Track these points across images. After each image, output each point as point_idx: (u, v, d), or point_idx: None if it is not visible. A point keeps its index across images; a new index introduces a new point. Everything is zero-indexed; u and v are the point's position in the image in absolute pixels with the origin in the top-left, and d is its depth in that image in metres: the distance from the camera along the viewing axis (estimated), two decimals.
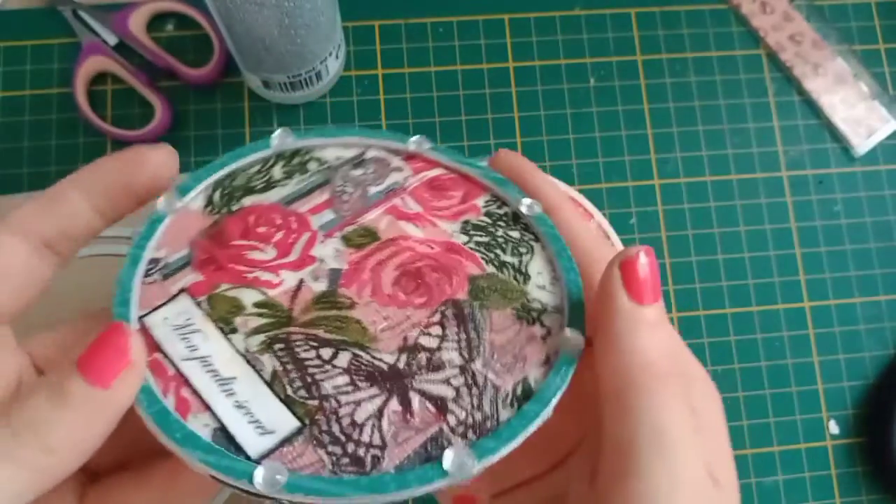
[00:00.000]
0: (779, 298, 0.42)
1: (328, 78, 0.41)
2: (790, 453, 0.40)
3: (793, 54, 0.44)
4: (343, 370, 0.18)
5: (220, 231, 0.21)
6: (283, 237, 0.21)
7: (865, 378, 0.41)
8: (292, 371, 0.18)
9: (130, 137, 0.40)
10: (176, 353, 0.18)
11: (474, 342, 0.19)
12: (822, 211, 0.43)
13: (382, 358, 0.19)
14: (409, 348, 0.19)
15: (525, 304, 0.20)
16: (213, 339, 0.19)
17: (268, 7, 0.32)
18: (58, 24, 0.42)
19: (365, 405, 0.18)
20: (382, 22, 0.43)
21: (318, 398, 0.18)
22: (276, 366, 0.18)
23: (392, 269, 0.20)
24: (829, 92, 0.44)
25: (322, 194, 0.22)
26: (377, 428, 0.18)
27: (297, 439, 0.17)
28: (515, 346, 0.19)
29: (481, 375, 0.19)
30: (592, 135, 0.43)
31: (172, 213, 0.21)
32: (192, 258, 0.20)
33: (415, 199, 0.22)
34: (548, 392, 0.18)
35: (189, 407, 0.17)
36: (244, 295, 0.19)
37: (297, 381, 0.18)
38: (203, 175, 0.22)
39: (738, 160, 0.43)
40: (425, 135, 0.24)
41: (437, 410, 0.18)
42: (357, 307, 0.20)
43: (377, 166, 0.23)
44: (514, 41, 0.44)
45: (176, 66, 0.41)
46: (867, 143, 0.43)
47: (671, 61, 0.44)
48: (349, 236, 0.21)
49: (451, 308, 0.20)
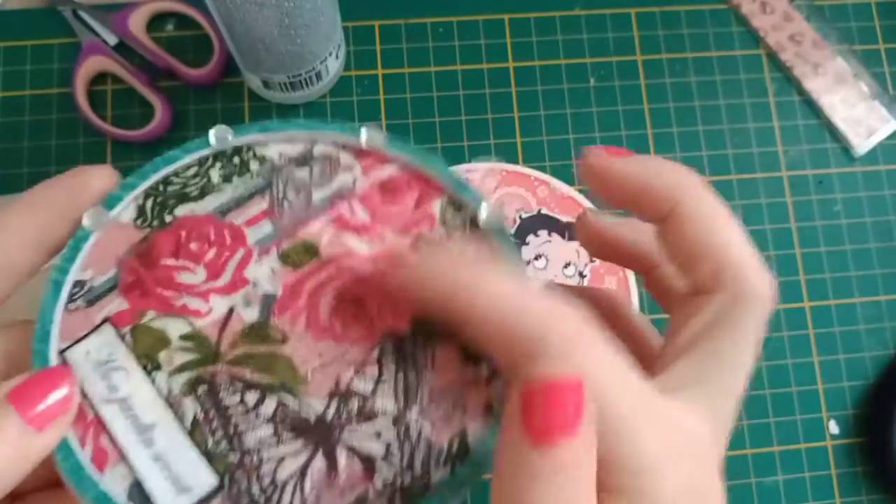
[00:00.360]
0: (779, 298, 0.42)
1: (328, 78, 0.41)
2: (790, 453, 0.40)
3: (793, 54, 0.44)
4: (268, 419, 0.17)
5: (149, 248, 0.19)
6: (216, 256, 0.19)
7: (865, 378, 0.41)
8: (214, 419, 0.17)
9: (130, 137, 0.40)
10: (96, 394, 0.17)
11: (412, 386, 0.17)
12: (822, 211, 0.43)
13: (311, 405, 0.17)
14: (341, 394, 0.17)
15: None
16: (135, 378, 0.18)
17: (268, 7, 0.32)
18: (58, 24, 0.42)
19: (288, 462, 0.17)
20: (382, 22, 0.43)
21: (240, 452, 0.17)
22: (197, 412, 0.17)
23: (330, 294, 0.19)
24: (829, 92, 0.44)
25: (262, 202, 0.20)
26: (299, 489, 0.17)
27: (214, 500, 0.16)
28: (457, 390, 0.17)
29: (416, 428, 0.17)
30: (592, 135, 0.43)
31: (100, 229, 0.19)
32: (119, 281, 0.19)
33: (363, 206, 0.20)
34: (484, 451, 0.17)
35: (106, 458, 0.17)
36: (170, 325, 0.18)
37: (218, 431, 0.17)
38: (134, 182, 0.20)
39: (738, 160, 0.43)
40: (391, 131, 0.23)
41: (365, 470, 0.17)
42: (289, 342, 0.18)
43: (324, 165, 0.20)
44: (514, 41, 0.44)
45: (176, 66, 0.41)
46: (867, 143, 0.43)
47: (671, 61, 0.44)
48: (287, 253, 0.19)
49: (390, 344, 0.18)
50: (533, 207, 0.41)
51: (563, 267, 0.41)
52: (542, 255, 0.41)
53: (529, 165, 0.42)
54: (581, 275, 0.41)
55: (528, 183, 0.42)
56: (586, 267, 0.41)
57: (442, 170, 0.20)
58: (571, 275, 0.41)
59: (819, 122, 0.44)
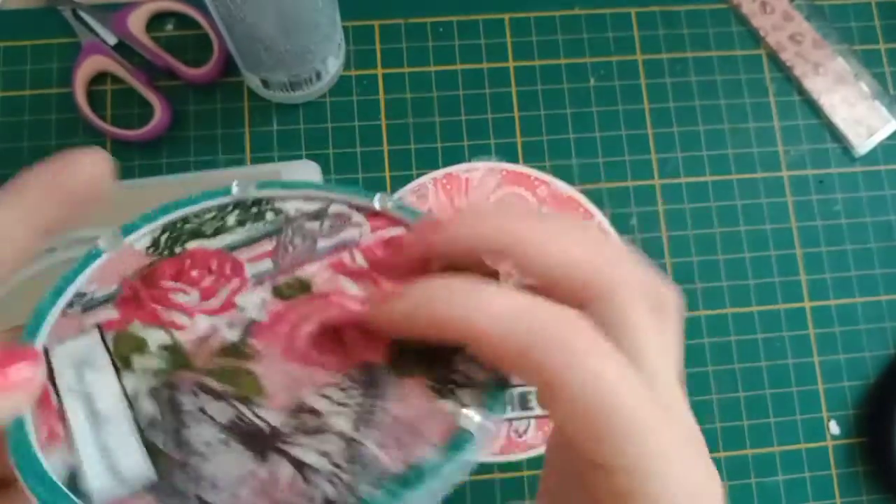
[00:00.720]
0: (779, 298, 0.42)
1: (328, 78, 0.40)
2: (790, 453, 0.40)
3: (793, 54, 0.44)
4: (223, 427, 0.18)
5: (153, 270, 0.20)
6: (213, 282, 0.20)
7: (866, 378, 0.41)
8: (169, 420, 0.18)
9: (130, 137, 0.40)
10: (64, 384, 0.18)
11: (374, 412, 0.18)
12: (822, 211, 0.43)
13: (267, 417, 0.18)
14: (299, 409, 0.18)
15: (446, 375, 0.18)
16: (105, 376, 0.19)
17: (268, 7, 0.32)
18: (57, 23, 0.42)
19: (231, 468, 0.17)
20: (382, 22, 0.43)
21: (186, 453, 0.17)
22: (155, 412, 0.18)
23: (314, 325, 0.19)
24: (830, 92, 0.43)
25: (269, 243, 0.21)
26: (235, 497, 0.17)
27: (146, 495, 0.17)
28: (420, 420, 0.18)
29: (369, 451, 0.17)
30: (592, 135, 0.43)
31: (112, 251, 0.21)
32: (117, 295, 0.20)
33: (364, 256, 0.21)
34: (435, 480, 0.17)
35: (57, 442, 0.18)
36: (152, 335, 0.19)
37: (170, 432, 0.18)
38: (153, 216, 0.21)
39: (739, 160, 0.43)
40: (392, 193, 0.23)
41: (306, 485, 0.17)
42: (262, 361, 0.19)
43: (335, 220, 0.22)
44: (514, 41, 0.44)
45: (175, 65, 0.41)
46: (867, 143, 0.43)
47: (671, 61, 0.44)
48: (280, 287, 0.20)
49: (359, 372, 0.19)
50: (533, 207, 0.41)
51: None
52: None
53: (529, 165, 0.42)
54: None
55: (528, 183, 0.42)
56: None
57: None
58: None
59: (819, 121, 0.44)
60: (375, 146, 0.42)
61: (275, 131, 0.41)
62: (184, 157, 0.41)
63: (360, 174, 0.41)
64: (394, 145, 0.42)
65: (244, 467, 0.17)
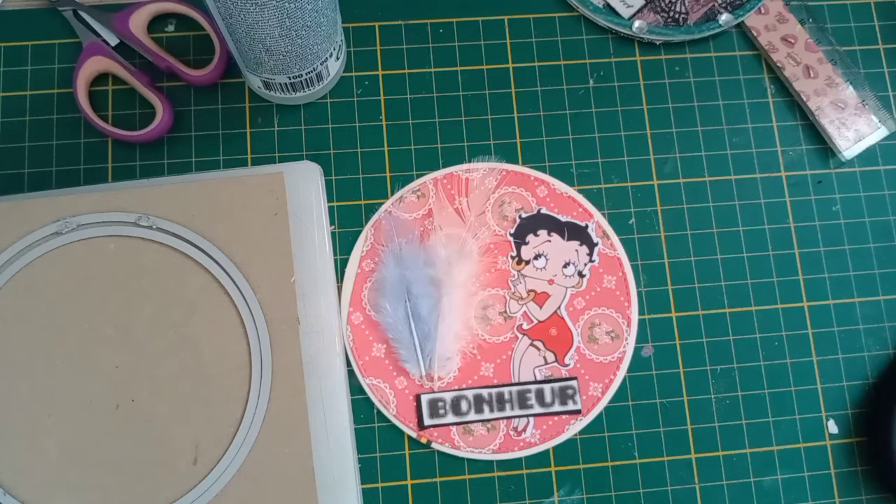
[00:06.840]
0: (778, 298, 0.42)
1: (329, 79, 0.41)
2: (789, 453, 0.40)
3: (784, 55, 0.44)
4: None
5: None
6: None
7: (865, 378, 0.41)
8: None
9: (131, 138, 0.40)
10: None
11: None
12: (820, 211, 0.43)
13: None
14: None
15: None
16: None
17: (269, 8, 0.32)
18: (59, 24, 0.42)
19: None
20: (383, 23, 0.44)
21: None
22: None
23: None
24: (819, 94, 0.44)
25: None
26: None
27: None
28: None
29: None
30: (592, 135, 0.43)
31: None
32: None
33: None
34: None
35: None
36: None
37: None
38: None
39: (737, 160, 0.43)
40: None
41: None
42: None
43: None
44: (513, 41, 0.44)
45: (177, 66, 0.41)
46: (854, 149, 0.43)
47: (670, 61, 0.44)
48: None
49: None
50: (533, 207, 0.41)
51: (562, 266, 0.41)
52: (541, 254, 0.41)
53: (529, 165, 0.42)
54: (580, 274, 0.41)
55: (528, 183, 0.42)
56: (586, 266, 0.41)
57: None
58: (571, 274, 0.41)
59: (808, 123, 0.44)
60: (376, 146, 0.42)
61: (276, 132, 0.42)
62: (185, 157, 0.41)
63: (361, 174, 0.42)
64: (394, 146, 0.42)
65: None
